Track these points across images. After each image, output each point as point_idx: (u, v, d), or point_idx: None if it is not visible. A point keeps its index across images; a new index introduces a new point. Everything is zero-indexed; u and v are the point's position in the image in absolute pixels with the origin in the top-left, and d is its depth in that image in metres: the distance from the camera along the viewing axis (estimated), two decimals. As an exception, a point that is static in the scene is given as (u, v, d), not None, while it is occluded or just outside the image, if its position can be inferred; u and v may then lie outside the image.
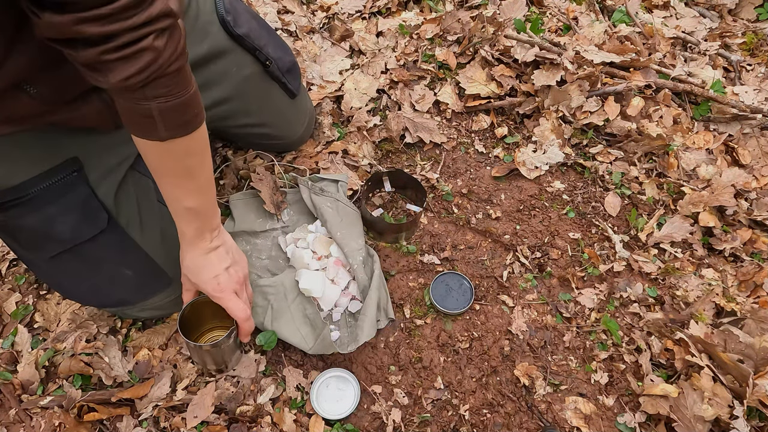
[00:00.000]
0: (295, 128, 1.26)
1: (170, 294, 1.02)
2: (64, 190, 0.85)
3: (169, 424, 0.99)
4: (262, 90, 1.12)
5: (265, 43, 1.07)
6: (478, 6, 1.68)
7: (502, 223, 1.29)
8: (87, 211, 0.87)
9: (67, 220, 0.86)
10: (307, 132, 1.32)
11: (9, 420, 0.98)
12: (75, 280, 0.94)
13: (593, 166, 1.37)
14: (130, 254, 0.94)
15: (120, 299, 0.99)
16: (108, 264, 0.93)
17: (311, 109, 1.31)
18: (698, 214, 1.26)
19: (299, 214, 1.25)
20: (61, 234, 0.87)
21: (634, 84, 1.44)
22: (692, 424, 0.96)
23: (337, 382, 1.04)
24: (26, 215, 0.84)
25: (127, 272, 0.95)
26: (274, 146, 1.30)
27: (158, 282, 0.99)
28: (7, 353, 1.05)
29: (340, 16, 1.68)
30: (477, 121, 1.46)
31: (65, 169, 0.85)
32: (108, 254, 0.92)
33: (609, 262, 1.22)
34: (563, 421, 1.03)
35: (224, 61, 1.02)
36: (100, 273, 0.94)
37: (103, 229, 0.89)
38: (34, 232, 0.86)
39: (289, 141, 1.29)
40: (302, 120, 1.27)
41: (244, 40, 1.03)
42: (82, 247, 0.89)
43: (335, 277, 1.13)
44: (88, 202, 0.87)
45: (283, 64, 1.12)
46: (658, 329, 1.11)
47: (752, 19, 1.87)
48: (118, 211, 0.91)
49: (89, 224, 0.88)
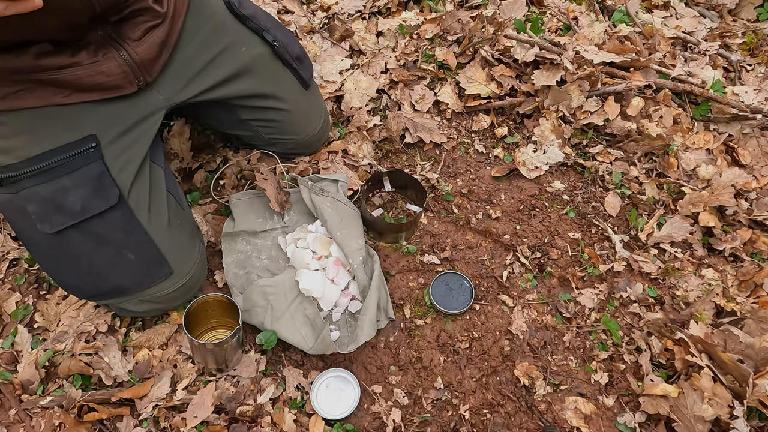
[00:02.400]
0: (312, 122, 1.26)
1: (170, 286, 1.02)
2: (80, 163, 0.89)
3: (169, 424, 0.99)
4: (273, 71, 1.14)
5: (270, 26, 1.11)
6: (478, 6, 1.68)
7: (502, 223, 1.29)
8: (99, 186, 0.91)
9: (79, 192, 0.89)
10: (324, 133, 1.32)
11: (9, 420, 0.98)
12: (75, 259, 0.94)
13: (593, 166, 1.37)
14: (134, 236, 0.95)
15: (118, 285, 0.98)
16: (112, 245, 0.94)
17: (326, 109, 1.32)
18: (698, 214, 1.26)
19: (299, 214, 1.25)
20: (72, 205, 0.89)
21: (634, 84, 1.44)
22: (692, 424, 0.96)
23: (337, 382, 1.04)
24: (40, 185, 0.88)
25: (130, 256, 0.96)
26: (290, 143, 1.27)
27: (159, 271, 0.99)
28: (7, 353, 1.05)
29: (340, 16, 1.68)
30: (477, 121, 1.46)
31: (83, 144, 0.89)
32: (113, 233, 0.94)
33: (609, 262, 1.22)
34: (563, 421, 1.03)
35: (229, 38, 1.06)
36: (102, 253, 0.94)
37: (113, 205, 0.92)
38: (46, 203, 0.89)
39: (305, 138, 1.27)
40: (318, 115, 1.27)
41: (249, 20, 1.08)
42: (90, 222, 0.91)
43: (335, 277, 1.13)
44: (102, 177, 0.91)
45: (291, 50, 1.15)
46: (658, 329, 1.11)
47: (752, 19, 1.87)
48: (129, 191, 0.94)
49: (100, 199, 0.91)
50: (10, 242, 1.20)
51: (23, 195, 0.88)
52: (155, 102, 0.98)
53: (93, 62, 0.85)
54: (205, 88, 1.04)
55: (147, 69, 0.92)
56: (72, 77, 0.84)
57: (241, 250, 1.19)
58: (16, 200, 0.89)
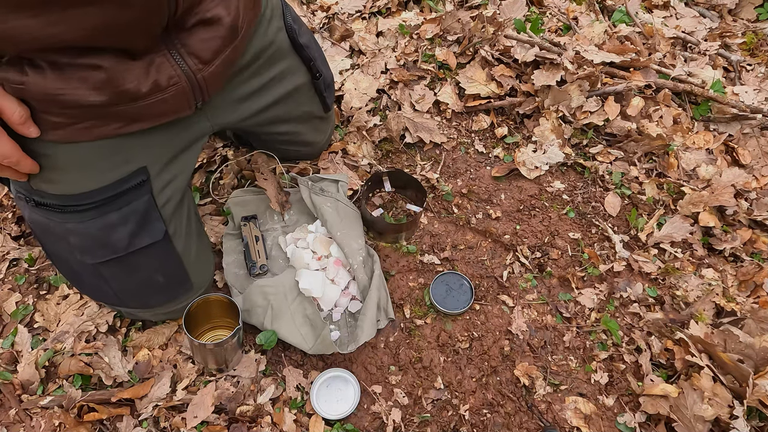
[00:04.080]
0: (320, 139, 1.28)
1: (187, 298, 1.02)
2: (130, 198, 0.84)
3: (169, 424, 0.99)
4: (306, 101, 1.13)
5: (317, 56, 1.09)
6: (478, 6, 1.68)
7: (502, 223, 1.29)
8: (146, 222, 0.87)
9: (126, 228, 0.85)
10: (327, 143, 1.34)
11: (9, 420, 0.98)
12: (105, 281, 0.93)
13: (593, 166, 1.37)
14: (168, 263, 0.94)
15: (142, 302, 0.99)
16: (146, 271, 0.93)
17: (333, 122, 1.33)
18: (698, 214, 1.26)
19: (299, 214, 1.25)
20: (118, 242, 0.85)
21: (634, 84, 1.44)
22: (692, 424, 0.96)
23: (337, 382, 1.04)
24: (87, 222, 0.83)
25: (160, 279, 0.95)
26: (294, 153, 1.29)
27: (181, 288, 1.00)
28: (7, 353, 1.05)
29: (340, 16, 1.68)
30: (477, 121, 1.46)
31: (134, 177, 0.83)
32: (150, 263, 0.92)
33: (609, 262, 1.22)
34: (563, 421, 1.03)
35: (283, 65, 1.03)
36: (134, 278, 0.93)
37: (158, 240, 0.89)
38: (91, 238, 0.85)
39: (310, 150, 1.29)
40: (328, 131, 1.29)
41: (304, 50, 1.04)
42: (132, 255, 0.88)
43: (335, 277, 1.13)
44: (149, 212, 0.87)
45: (326, 80, 1.14)
46: (658, 329, 1.11)
47: (752, 19, 1.87)
48: (170, 221, 0.91)
49: (146, 234, 0.87)
50: (10, 242, 1.20)
51: (67, 227, 0.83)
52: (203, 127, 0.93)
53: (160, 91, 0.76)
54: (249, 114, 1.01)
55: (208, 90, 0.83)
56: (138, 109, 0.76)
57: (241, 250, 1.19)
58: (58, 228, 0.84)
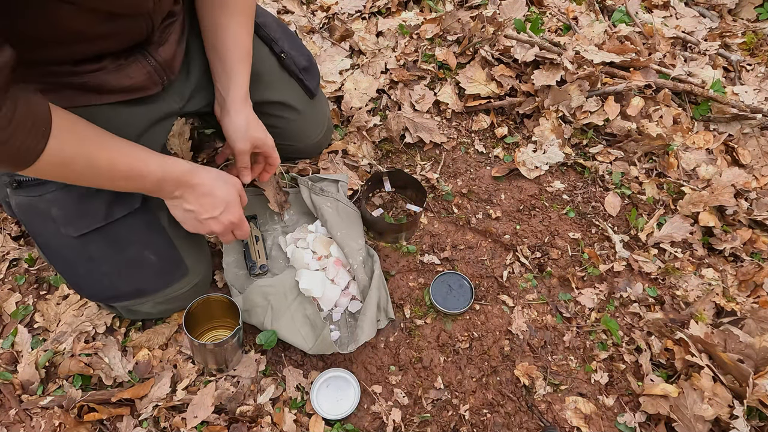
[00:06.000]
0: (313, 131, 1.26)
1: (185, 285, 1.03)
2: None
3: (169, 424, 0.99)
4: (280, 81, 1.14)
5: (279, 36, 1.12)
6: (478, 6, 1.68)
7: (502, 223, 1.29)
8: None
9: (101, 195, 0.89)
10: (325, 140, 1.33)
11: (9, 420, 0.98)
12: (96, 262, 0.94)
13: (593, 166, 1.37)
14: (155, 237, 0.96)
15: (139, 287, 0.99)
16: (134, 246, 0.95)
17: (329, 117, 1.32)
18: (698, 214, 1.26)
19: (299, 214, 1.25)
20: (97, 210, 0.89)
21: (634, 84, 1.44)
22: (692, 424, 0.96)
23: (337, 382, 1.04)
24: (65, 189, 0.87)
25: (151, 257, 0.96)
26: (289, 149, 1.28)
27: (177, 270, 1.01)
28: (7, 353, 1.05)
29: (340, 16, 1.68)
30: (477, 121, 1.46)
31: None
32: (136, 235, 0.94)
33: (609, 262, 1.22)
34: (563, 421, 1.03)
35: None
36: (124, 255, 0.95)
37: (136, 208, 0.92)
38: (70, 207, 0.88)
39: (304, 145, 1.28)
40: (321, 124, 1.28)
41: (260, 28, 1.08)
42: (113, 225, 0.91)
43: (335, 277, 1.13)
44: None
45: (298, 61, 1.15)
46: (658, 329, 1.11)
47: (752, 18, 1.87)
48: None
49: (124, 203, 0.91)
50: (10, 242, 1.20)
51: (48, 198, 0.88)
52: (171, 105, 0.99)
53: (117, 66, 0.84)
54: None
55: (169, 67, 0.92)
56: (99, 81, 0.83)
57: (241, 251, 1.19)
58: (40, 203, 0.88)
